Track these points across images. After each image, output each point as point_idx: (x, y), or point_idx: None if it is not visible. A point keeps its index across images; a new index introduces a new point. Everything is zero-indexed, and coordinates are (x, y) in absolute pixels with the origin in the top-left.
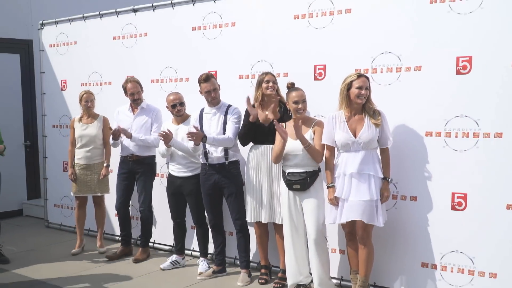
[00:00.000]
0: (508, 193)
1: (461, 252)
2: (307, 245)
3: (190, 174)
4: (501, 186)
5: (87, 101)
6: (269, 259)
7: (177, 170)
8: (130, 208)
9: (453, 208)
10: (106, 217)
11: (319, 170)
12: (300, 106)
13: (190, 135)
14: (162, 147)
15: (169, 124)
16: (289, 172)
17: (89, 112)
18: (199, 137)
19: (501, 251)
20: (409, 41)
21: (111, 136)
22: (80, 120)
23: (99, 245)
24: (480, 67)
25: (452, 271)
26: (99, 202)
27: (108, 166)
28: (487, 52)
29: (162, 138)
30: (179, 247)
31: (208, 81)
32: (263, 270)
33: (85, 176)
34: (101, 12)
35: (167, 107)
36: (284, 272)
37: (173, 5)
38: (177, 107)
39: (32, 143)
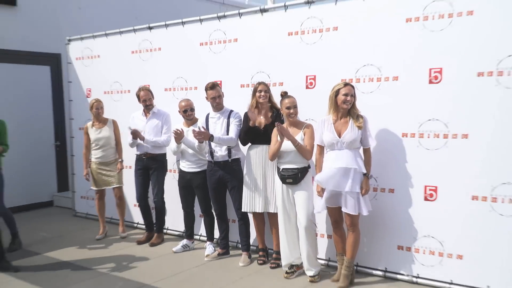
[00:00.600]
0: (473, 186)
1: (432, 236)
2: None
3: (198, 169)
4: (467, 180)
5: (97, 108)
6: (266, 243)
7: (187, 166)
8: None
9: (426, 199)
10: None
11: (309, 166)
12: (292, 111)
13: (198, 134)
14: (173, 144)
15: (181, 126)
16: (283, 168)
17: (99, 118)
18: (206, 136)
19: (467, 235)
20: (388, 55)
21: (130, 136)
22: (92, 125)
23: (121, 231)
24: (450, 77)
25: (424, 253)
26: (119, 195)
27: (122, 161)
28: (456, 64)
29: (175, 135)
30: (188, 233)
31: (213, 89)
32: (261, 253)
33: (105, 171)
34: (120, 30)
35: (179, 111)
36: (278, 253)
37: (183, 23)
38: (188, 112)
39: (61, 143)
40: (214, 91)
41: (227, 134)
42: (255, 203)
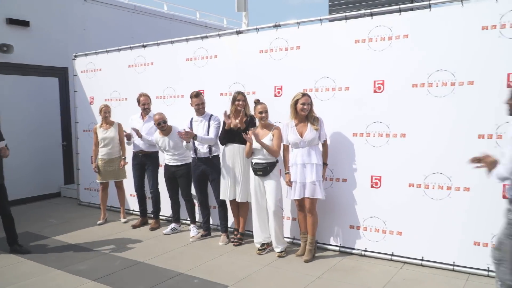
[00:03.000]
0: (410, 175)
1: (377, 217)
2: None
3: (180, 163)
4: (405, 171)
5: (105, 112)
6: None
7: (172, 161)
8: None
9: (372, 186)
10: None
11: (277, 161)
12: (263, 115)
13: (185, 134)
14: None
15: (156, 135)
16: (255, 162)
17: (107, 120)
18: (191, 135)
19: (405, 216)
20: (340, 69)
21: (125, 138)
22: (100, 126)
23: (122, 216)
24: (390, 88)
25: (371, 231)
26: (119, 186)
27: (125, 158)
28: (395, 77)
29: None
30: (176, 217)
31: (197, 97)
32: (236, 232)
33: (109, 167)
34: (119, 47)
35: (154, 123)
36: (242, 234)
37: (172, 42)
38: (161, 124)
39: (67, 143)
40: (198, 99)
41: (208, 134)
42: (225, 192)
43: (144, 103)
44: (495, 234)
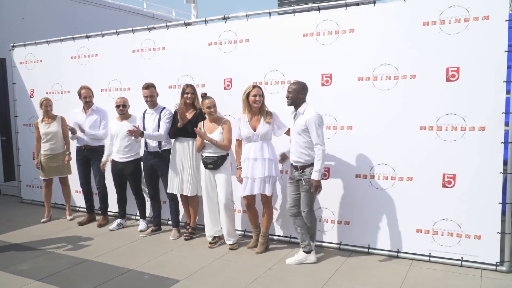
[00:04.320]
0: (356, 166)
1: (326, 208)
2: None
3: (128, 159)
4: (352, 162)
5: (46, 106)
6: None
7: (119, 158)
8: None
9: (321, 178)
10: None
11: (228, 154)
12: (211, 110)
13: (130, 132)
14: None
15: (114, 121)
16: (205, 156)
17: (48, 114)
18: (137, 133)
19: (353, 206)
20: (289, 63)
21: (69, 132)
22: (42, 121)
23: (68, 214)
24: (337, 81)
25: (320, 221)
26: (64, 182)
27: (69, 153)
28: (342, 71)
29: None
30: (122, 213)
31: (148, 89)
32: (188, 227)
33: (52, 163)
34: (61, 38)
35: (115, 105)
36: (193, 228)
37: (117, 33)
38: (120, 108)
39: (7, 138)
40: (148, 91)
41: (158, 128)
42: (174, 186)
43: (86, 96)
44: (436, 221)
